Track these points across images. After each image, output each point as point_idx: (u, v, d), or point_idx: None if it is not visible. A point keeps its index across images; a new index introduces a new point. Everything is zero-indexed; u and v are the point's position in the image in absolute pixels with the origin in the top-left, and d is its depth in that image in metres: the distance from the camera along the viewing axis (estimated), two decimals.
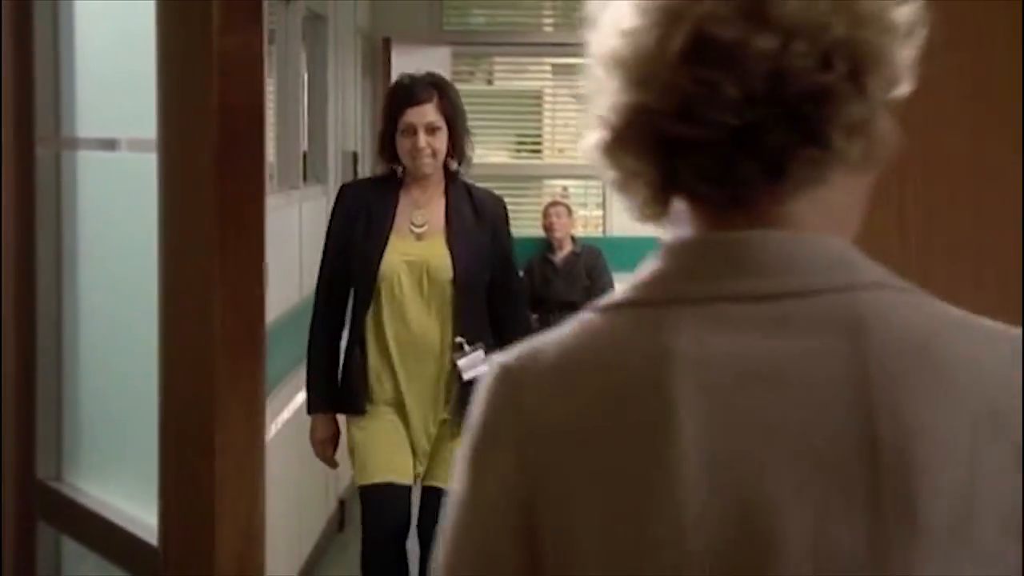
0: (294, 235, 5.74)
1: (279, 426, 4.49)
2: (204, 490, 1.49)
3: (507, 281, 4.08)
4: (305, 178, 6.30)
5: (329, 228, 4.04)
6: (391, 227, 3.93)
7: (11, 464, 1.95)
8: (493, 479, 1.13)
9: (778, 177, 1.15)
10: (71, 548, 1.95)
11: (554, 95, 9.69)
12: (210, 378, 1.48)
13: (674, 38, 1.11)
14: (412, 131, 3.84)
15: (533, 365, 1.19)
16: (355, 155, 6.99)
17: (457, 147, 3.94)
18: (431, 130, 3.85)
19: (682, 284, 1.17)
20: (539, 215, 8.00)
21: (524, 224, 7.95)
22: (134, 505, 1.77)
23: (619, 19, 1.17)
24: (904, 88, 1.16)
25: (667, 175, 1.16)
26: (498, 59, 9.36)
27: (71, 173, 1.96)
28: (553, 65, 9.89)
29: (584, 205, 9.33)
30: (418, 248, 3.94)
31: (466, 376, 3.78)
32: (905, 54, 1.16)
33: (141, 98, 1.62)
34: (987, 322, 1.18)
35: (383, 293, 3.91)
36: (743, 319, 1.16)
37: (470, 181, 4.08)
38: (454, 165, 3.98)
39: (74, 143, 1.95)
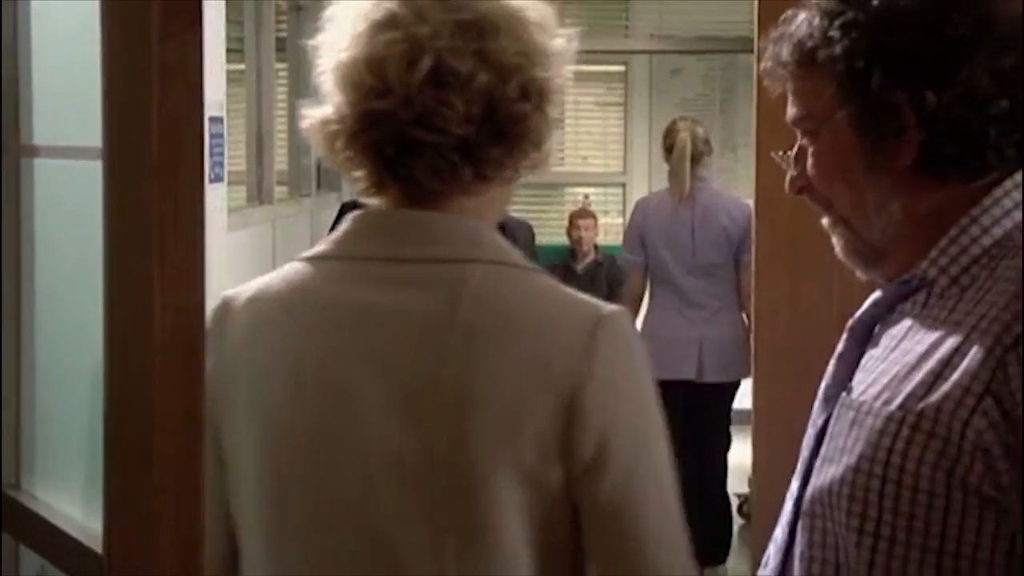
0: (305, 242, 5.76)
1: None
2: (144, 497, 1.49)
3: None
4: (319, 186, 6.33)
5: None
6: None
7: None
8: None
9: (484, 178, 1.55)
10: (30, 557, 1.96)
11: (576, 102, 9.67)
12: (149, 384, 1.47)
13: (421, 63, 1.49)
14: None
15: (239, 299, 1.60)
16: None
17: None
18: None
19: (352, 245, 1.56)
20: (560, 222, 7.99)
21: (545, 232, 7.94)
22: (88, 513, 1.77)
23: (364, 39, 1.53)
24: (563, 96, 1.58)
25: (387, 168, 1.55)
26: None
27: (28, 181, 1.98)
28: (576, 72, 9.93)
29: (605, 212, 9.32)
30: None
31: None
32: (564, 81, 1.58)
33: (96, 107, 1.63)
34: (583, 301, 1.53)
35: None
36: (381, 275, 1.53)
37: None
38: None
39: (33, 151, 1.97)
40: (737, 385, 5.67)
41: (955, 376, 1.43)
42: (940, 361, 1.46)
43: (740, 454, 5.43)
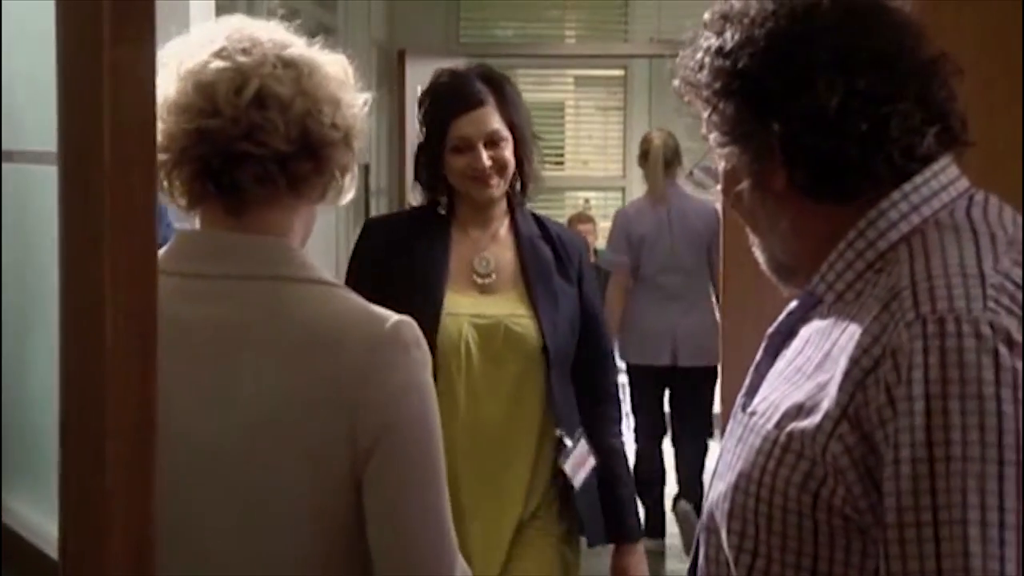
0: None
1: None
2: (96, 501, 1.49)
3: (597, 346, 3.01)
4: None
5: (348, 282, 2.79)
6: (446, 278, 2.87)
7: None
8: None
9: (296, 191, 1.80)
10: None
11: (576, 107, 9.67)
12: (101, 387, 1.47)
13: (248, 87, 1.76)
14: (468, 146, 2.88)
15: None
16: (366, 167, 7.00)
17: (523, 164, 2.94)
18: (494, 142, 2.87)
19: (176, 262, 1.78)
20: None
21: None
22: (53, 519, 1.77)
23: (196, 69, 1.78)
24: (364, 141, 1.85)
25: (211, 179, 1.78)
26: (519, 71, 9.37)
27: None
28: (576, 77, 9.91)
29: (605, 217, 9.31)
30: (487, 305, 2.88)
31: (577, 484, 2.86)
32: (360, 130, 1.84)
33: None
34: (373, 315, 1.74)
35: (442, 372, 2.76)
36: (197, 291, 1.77)
37: (540, 213, 3.09)
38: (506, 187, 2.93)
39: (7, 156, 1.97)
40: (715, 371, 5.93)
41: (823, 398, 1.43)
42: (817, 384, 1.46)
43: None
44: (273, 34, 1.81)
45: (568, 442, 2.83)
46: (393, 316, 1.75)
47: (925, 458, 1.33)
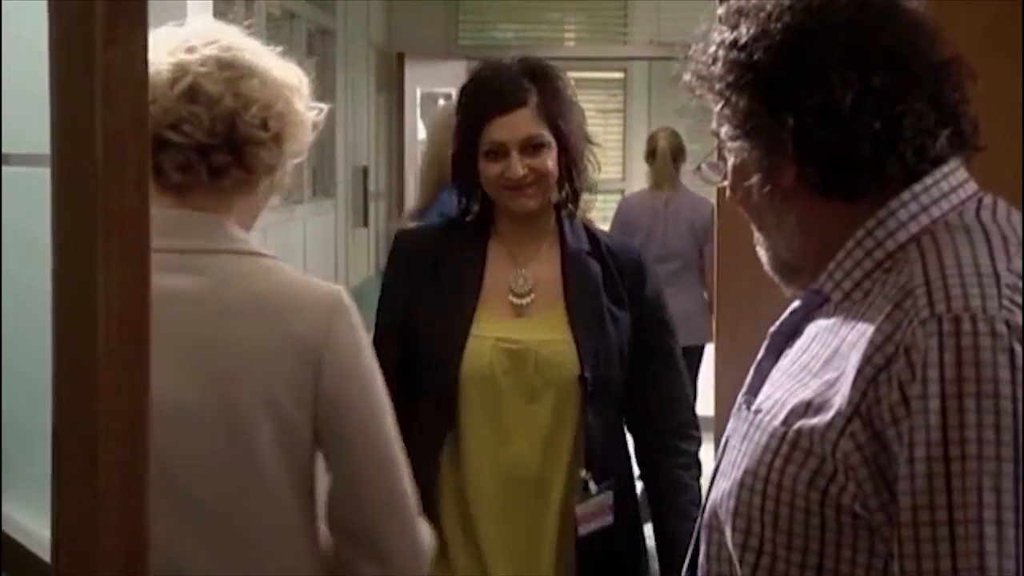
0: (298, 249, 5.75)
1: None
2: (89, 504, 1.48)
3: (662, 379, 2.60)
4: (313, 193, 6.32)
5: (381, 300, 2.66)
6: (477, 296, 2.55)
7: None
8: None
9: (218, 180, 1.96)
10: None
11: None
12: (94, 391, 1.47)
13: (180, 82, 1.92)
14: (503, 151, 2.54)
15: None
16: (365, 169, 7.00)
17: (572, 171, 2.58)
18: (533, 147, 2.53)
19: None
20: None
21: None
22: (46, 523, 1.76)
23: (152, 60, 1.73)
24: (306, 145, 2.05)
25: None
26: None
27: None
28: (575, 79, 9.92)
29: (605, 219, 9.29)
30: (521, 328, 2.53)
31: (582, 530, 2.48)
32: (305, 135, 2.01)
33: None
34: (318, 284, 1.94)
35: (464, 401, 2.48)
36: (167, 263, 1.86)
37: (596, 226, 2.73)
38: (555, 196, 2.58)
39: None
40: (701, 349, 6.46)
41: (833, 395, 1.43)
42: (825, 381, 1.45)
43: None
44: (230, 38, 1.99)
45: (593, 487, 2.46)
46: (334, 286, 1.97)
47: (941, 457, 1.33)
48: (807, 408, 1.44)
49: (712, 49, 1.54)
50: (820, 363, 1.47)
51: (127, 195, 1.48)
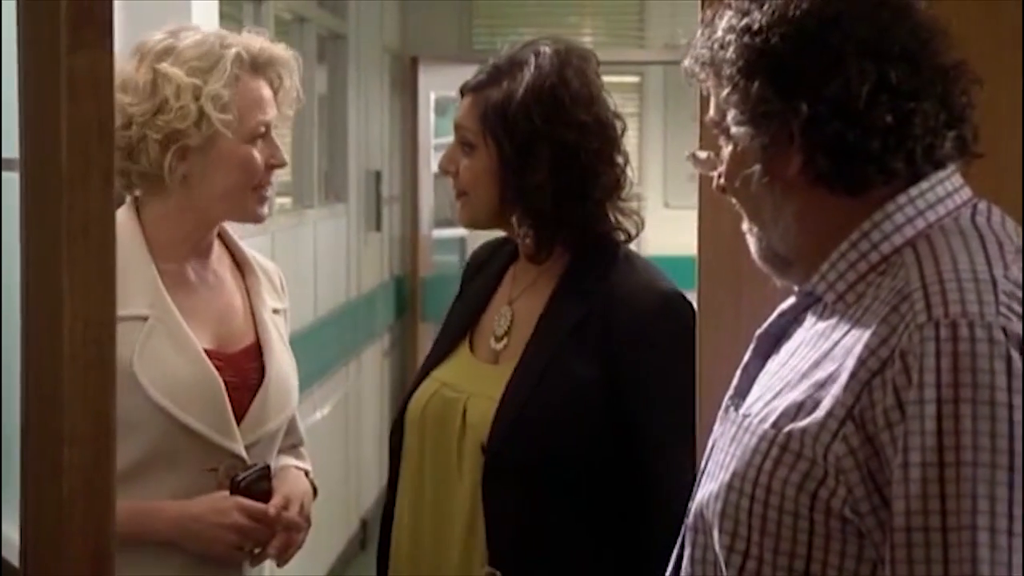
0: (308, 254, 5.75)
1: None
2: (54, 509, 1.49)
3: (640, 477, 2.03)
4: (325, 197, 6.31)
5: None
6: (465, 332, 2.19)
7: None
8: None
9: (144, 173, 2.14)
10: None
11: None
12: (60, 394, 1.47)
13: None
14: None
15: None
16: (378, 174, 6.99)
17: (533, 185, 2.06)
18: (461, 144, 2.15)
19: None
20: None
21: None
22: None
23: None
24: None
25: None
26: None
27: None
28: None
29: None
30: (478, 375, 2.13)
31: None
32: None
33: None
34: None
35: (406, 440, 2.17)
36: None
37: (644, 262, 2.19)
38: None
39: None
40: None
41: (824, 398, 1.41)
42: (815, 383, 1.43)
43: None
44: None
45: None
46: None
47: (935, 463, 1.32)
48: (798, 410, 1.43)
49: (719, 35, 1.53)
50: (809, 364, 1.46)
51: (92, 198, 1.49)
